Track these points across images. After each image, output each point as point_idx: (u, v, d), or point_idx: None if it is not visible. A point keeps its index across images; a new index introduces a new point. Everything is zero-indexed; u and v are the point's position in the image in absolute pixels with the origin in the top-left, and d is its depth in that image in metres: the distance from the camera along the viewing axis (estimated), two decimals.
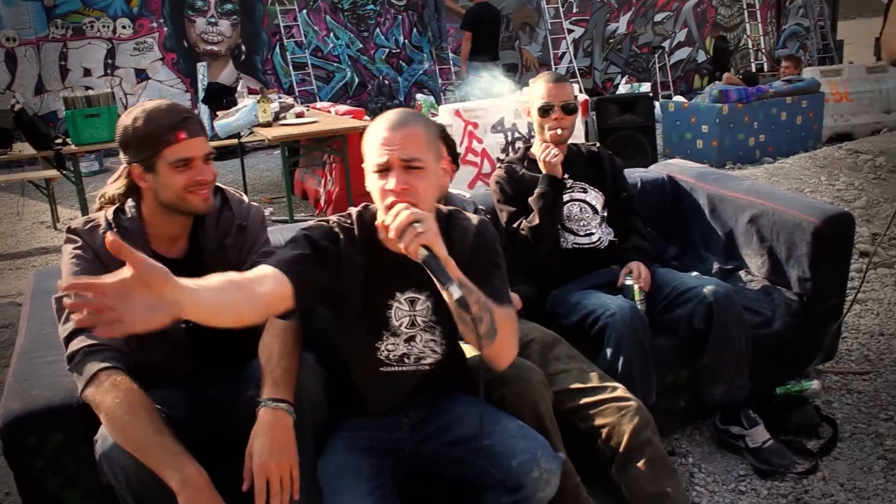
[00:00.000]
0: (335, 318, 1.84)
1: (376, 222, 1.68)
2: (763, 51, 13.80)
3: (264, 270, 1.59)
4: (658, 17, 13.70)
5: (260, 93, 5.63)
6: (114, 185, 1.98)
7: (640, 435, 2.09)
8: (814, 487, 2.35)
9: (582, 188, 2.81)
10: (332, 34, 11.04)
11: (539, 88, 2.75)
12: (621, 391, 2.17)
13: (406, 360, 1.84)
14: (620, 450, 2.08)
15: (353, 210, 1.84)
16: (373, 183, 1.67)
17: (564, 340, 2.36)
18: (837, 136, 7.94)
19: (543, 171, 2.66)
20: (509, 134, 5.99)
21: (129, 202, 1.94)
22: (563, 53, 12.57)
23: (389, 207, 1.61)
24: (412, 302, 1.81)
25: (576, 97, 2.84)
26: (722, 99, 7.07)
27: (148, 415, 1.64)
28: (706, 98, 7.41)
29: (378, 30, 11.41)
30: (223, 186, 2.07)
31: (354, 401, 1.89)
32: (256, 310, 1.52)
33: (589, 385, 2.19)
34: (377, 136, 1.67)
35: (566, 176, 2.78)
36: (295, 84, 10.54)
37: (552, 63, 12.40)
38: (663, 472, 2.07)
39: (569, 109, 2.73)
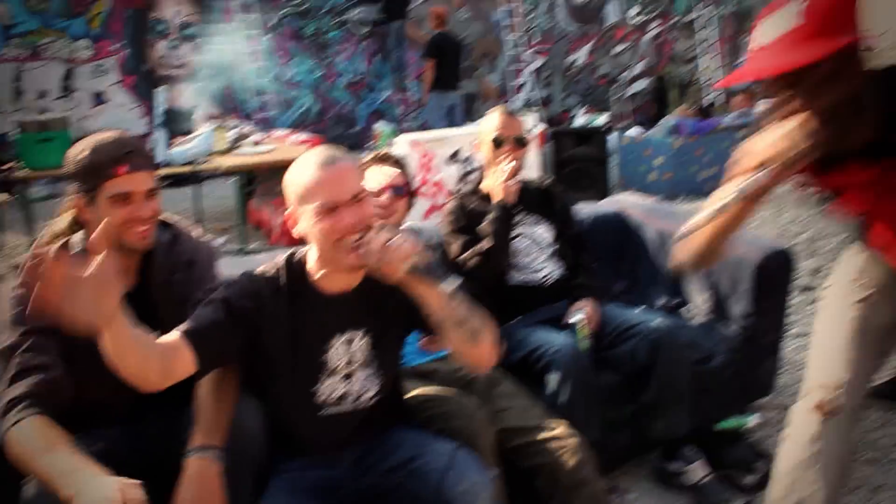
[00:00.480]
0: (265, 371, 1.83)
1: (346, 259, 1.68)
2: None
3: (172, 337, 1.64)
4: (616, 49, 13.95)
5: (218, 118, 5.62)
6: (61, 219, 1.97)
7: (580, 473, 2.12)
8: None
9: (532, 222, 2.85)
10: (293, 60, 11.05)
11: (491, 122, 2.79)
12: (563, 429, 2.20)
13: (346, 400, 1.85)
14: (560, 487, 2.11)
15: (281, 258, 1.86)
16: (317, 225, 1.67)
17: (509, 377, 2.39)
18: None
19: (500, 197, 2.67)
20: (466, 165, 6.04)
21: (77, 236, 1.93)
22: (524, 84, 12.73)
23: (356, 244, 1.64)
24: (349, 342, 1.83)
25: (532, 129, 2.90)
26: (675, 132, 7.22)
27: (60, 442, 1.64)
28: (660, 131, 7.55)
29: (340, 57, 11.45)
30: (174, 220, 2.06)
31: (292, 442, 1.90)
32: (162, 372, 1.58)
33: (531, 423, 2.22)
34: (313, 179, 1.67)
35: (518, 209, 2.82)
36: (255, 110, 10.51)
37: (512, 93, 12.55)
38: None
39: (521, 143, 2.78)
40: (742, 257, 2.78)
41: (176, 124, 8.06)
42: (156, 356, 1.55)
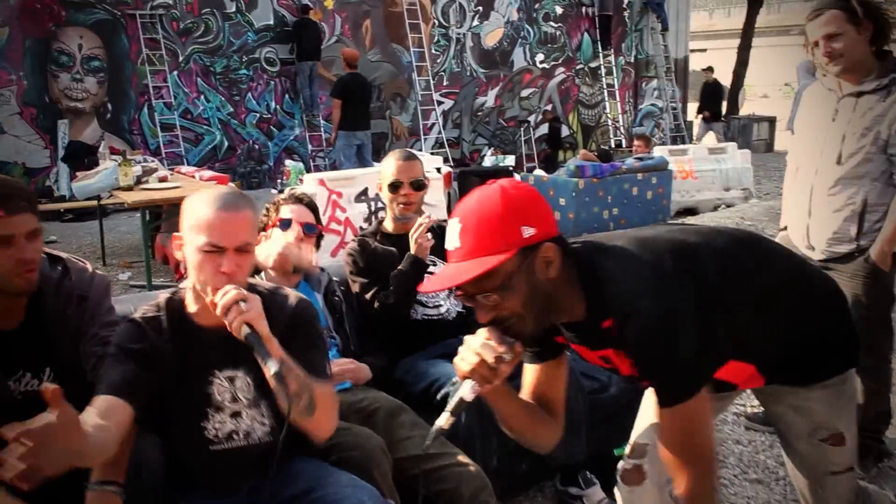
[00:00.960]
0: (157, 408, 1.82)
1: (207, 299, 1.72)
2: (621, 128, 14.68)
3: (105, 402, 1.65)
4: (524, 93, 14.39)
5: (122, 154, 5.54)
6: None
7: (478, 499, 2.17)
8: None
9: (431, 261, 2.92)
10: (202, 97, 10.96)
11: (389, 166, 2.87)
12: (461, 457, 2.25)
13: (235, 437, 1.86)
14: None
15: (162, 297, 1.89)
16: (197, 257, 1.71)
17: (409, 409, 2.44)
18: (684, 210, 8.54)
19: (412, 251, 2.73)
20: (373, 204, 6.12)
21: None
22: (433, 124, 12.98)
23: (218, 287, 1.68)
24: (231, 379, 1.85)
25: (438, 169, 2.99)
26: (578, 174, 7.50)
27: None
28: (564, 173, 7.83)
29: (250, 94, 11.42)
30: (64, 256, 2.05)
31: (191, 475, 1.90)
32: (115, 443, 1.61)
33: (430, 452, 2.26)
34: (210, 215, 1.71)
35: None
36: (162, 146, 10.36)
37: (422, 133, 12.77)
38: None
39: (417, 186, 2.87)
40: None
41: (79, 158, 7.92)
42: (112, 438, 1.59)
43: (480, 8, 13.56)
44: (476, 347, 1.49)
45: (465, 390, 1.51)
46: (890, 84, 2.55)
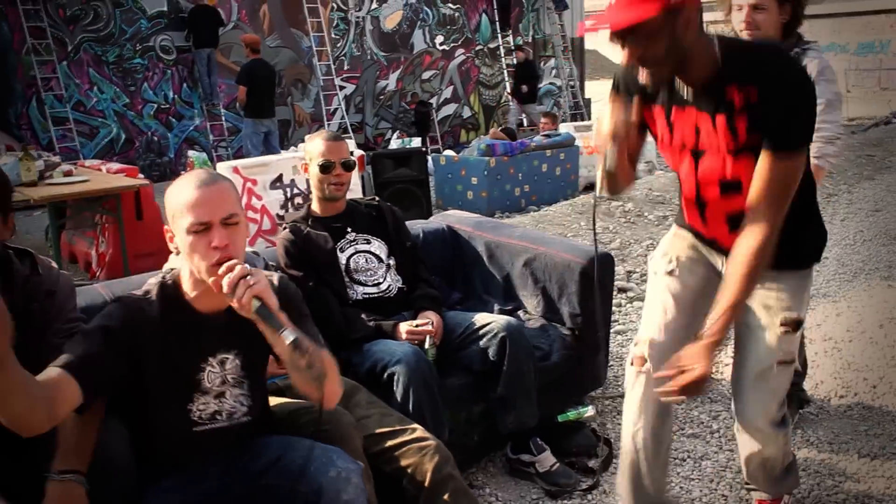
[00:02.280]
0: (139, 392, 1.79)
1: (209, 280, 1.70)
2: (521, 107, 14.87)
3: (54, 373, 1.58)
4: (426, 75, 14.40)
5: (23, 150, 5.26)
6: None
7: (442, 471, 2.20)
8: (597, 500, 2.61)
9: (365, 239, 2.93)
10: (95, 88, 10.49)
11: (317, 146, 2.84)
12: (420, 432, 2.28)
13: (218, 418, 1.87)
14: (425, 486, 2.18)
15: (153, 282, 1.86)
16: (187, 242, 1.70)
17: (363, 388, 2.45)
18: (591, 185, 8.76)
19: (394, 333, 2.70)
20: (288, 190, 6.06)
21: None
22: (336, 109, 12.84)
23: (217, 264, 1.67)
24: (222, 363, 1.86)
25: (352, 153, 2.98)
26: (489, 153, 7.59)
27: None
28: (474, 152, 7.91)
29: (146, 84, 11.01)
30: (33, 252, 1.97)
31: (162, 461, 1.87)
32: (48, 415, 1.51)
33: (390, 428, 2.28)
34: (190, 196, 1.70)
35: (349, 230, 2.90)
36: (55, 140, 9.86)
37: (325, 119, 12.62)
38: (465, 502, 2.20)
39: (348, 166, 2.86)
40: (568, 262, 3.02)
41: None
42: (42, 399, 1.48)
43: None
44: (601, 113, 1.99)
45: (609, 156, 1.95)
46: (799, 54, 2.74)
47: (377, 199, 3.12)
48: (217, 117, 11.60)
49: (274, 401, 2.17)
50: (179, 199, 1.72)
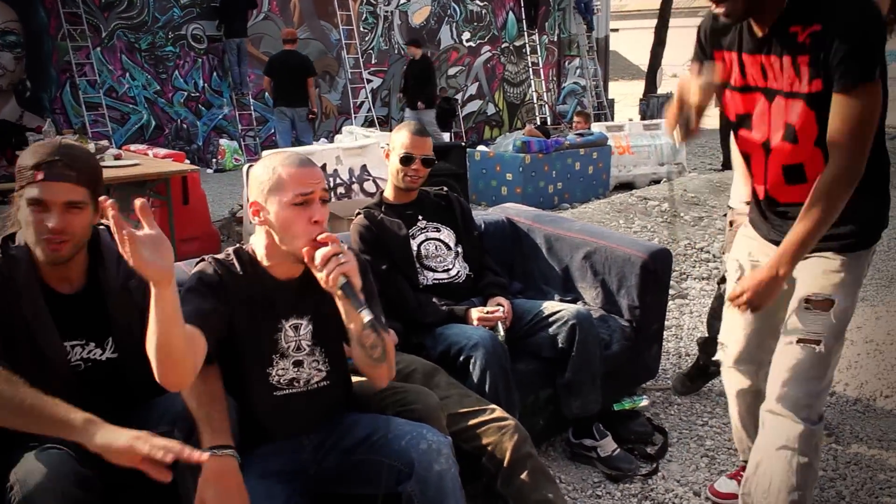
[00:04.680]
0: (226, 352, 1.90)
1: (302, 251, 1.81)
2: (549, 104, 14.96)
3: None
4: (451, 71, 14.48)
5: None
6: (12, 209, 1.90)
7: (521, 450, 2.30)
8: (657, 485, 2.70)
9: (435, 227, 3.02)
10: (127, 74, 10.62)
11: (403, 137, 2.94)
12: (499, 412, 2.37)
13: (296, 384, 1.99)
14: (504, 465, 2.28)
15: (230, 249, 1.98)
16: (285, 213, 1.82)
17: (442, 370, 2.54)
18: (622, 184, 8.84)
19: (467, 317, 2.79)
20: (331, 180, 6.13)
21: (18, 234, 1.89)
22: (363, 102, 12.94)
23: (315, 238, 1.79)
24: (296, 328, 1.97)
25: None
26: (525, 149, 7.67)
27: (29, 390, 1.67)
28: (509, 147, 7.99)
29: (177, 72, 11.13)
30: None
31: (258, 428, 1.97)
32: (194, 359, 1.69)
33: (470, 408, 2.37)
34: (293, 170, 1.84)
35: (420, 217, 3.00)
36: (88, 125, 9.99)
37: (352, 112, 12.72)
38: (544, 481, 2.30)
39: (427, 162, 2.96)
40: (629, 256, 3.10)
41: (4, 137, 7.58)
42: (190, 340, 1.65)
43: None
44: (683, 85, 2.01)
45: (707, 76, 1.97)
46: None
47: (445, 189, 3.21)
48: (246, 107, 11.71)
49: (356, 379, 2.27)
50: (277, 173, 1.83)
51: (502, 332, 2.74)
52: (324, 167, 6.05)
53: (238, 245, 2.00)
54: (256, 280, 1.92)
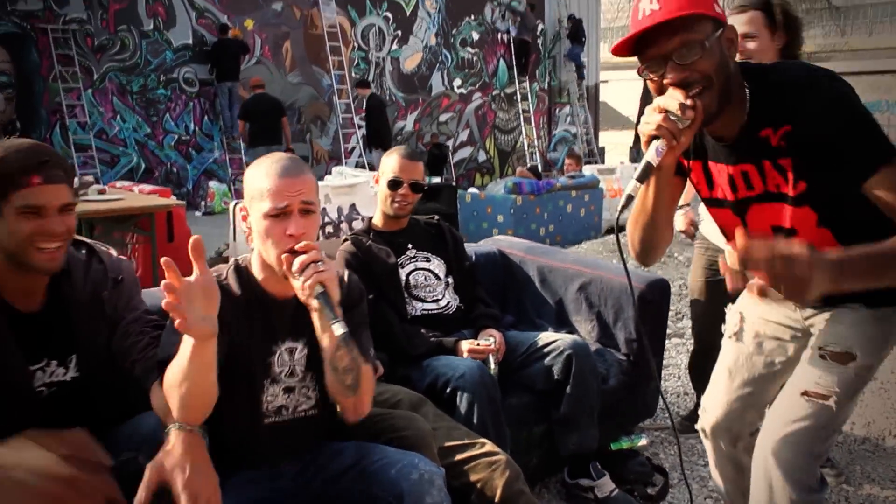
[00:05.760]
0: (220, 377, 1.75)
1: (277, 269, 1.70)
2: (540, 151, 15.00)
3: None
4: (443, 118, 14.53)
5: None
6: None
7: (513, 487, 2.14)
8: None
9: (425, 257, 2.91)
10: (118, 116, 10.58)
11: (392, 162, 2.84)
12: (490, 446, 2.22)
13: (284, 412, 1.85)
14: (495, 502, 2.12)
15: (225, 267, 1.85)
16: (266, 227, 1.70)
17: (429, 401, 2.40)
18: (613, 228, 8.74)
19: (455, 349, 2.65)
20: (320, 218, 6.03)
21: None
22: (353, 148, 12.93)
23: (290, 251, 1.67)
24: (291, 352, 1.84)
25: (424, 178, 2.96)
26: (516, 191, 7.61)
27: None
28: (500, 189, 7.92)
29: (168, 115, 11.10)
30: (87, 240, 1.94)
31: (233, 456, 1.82)
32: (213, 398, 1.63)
33: (459, 442, 2.22)
34: (273, 182, 1.70)
35: (410, 246, 2.88)
36: (77, 166, 9.89)
37: (343, 157, 12.69)
38: None
39: (416, 188, 2.85)
40: (625, 287, 2.98)
41: None
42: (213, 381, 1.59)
43: (399, 32, 13.66)
44: (659, 102, 1.53)
45: (651, 153, 1.52)
46: None
47: (436, 218, 3.10)
48: (236, 151, 11.67)
49: None
50: (261, 181, 1.72)
51: (494, 366, 2.60)
52: None
53: (236, 259, 1.87)
54: (253, 298, 1.80)
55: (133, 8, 10.53)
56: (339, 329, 1.57)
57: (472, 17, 14.68)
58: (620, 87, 26.78)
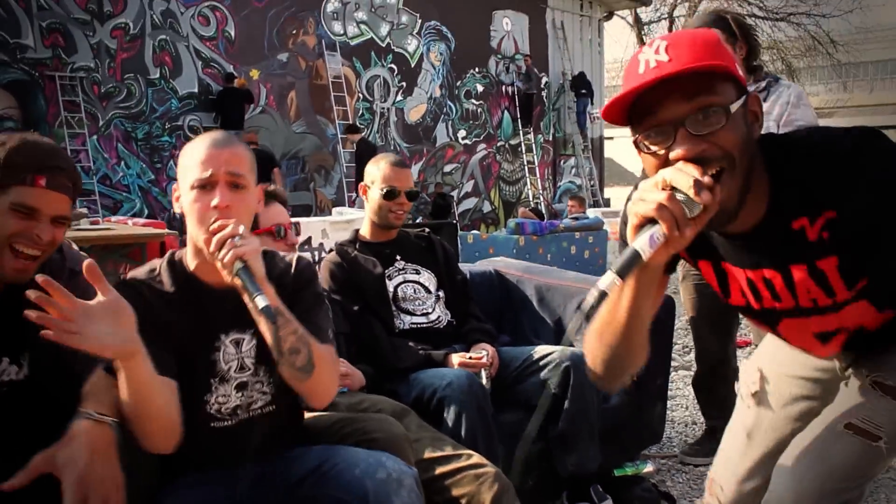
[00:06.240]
0: None
1: (201, 237, 1.54)
2: (545, 201, 14.93)
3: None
4: (447, 168, 14.51)
5: None
6: None
7: (501, 502, 1.96)
8: None
9: (415, 269, 2.77)
10: (122, 163, 10.57)
11: (383, 170, 2.72)
12: (477, 458, 2.04)
13: (239, 412, 1.68)
14: None
15: (158, 261, 1.70)
16: (190, 198, 1.56)
17: (413, 412, 2.23)
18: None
19: (448, 361, 2.50)
20: (316, 254, 5.93)
21: None
22: (357, 197, 12.88)
23: (212, 228, 1.51)
24: (237, 343, 1.67)
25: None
26: (518, 231, 7.49)
27: None
28: (503, 230, 7.81)
29: (172, 162, 11.07)
30: None
31: (182, 459, 1.63)
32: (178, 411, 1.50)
33: (443, 453, 2.04)
34: (200, 152, 1.58)
35: (398, 258, 2.75)
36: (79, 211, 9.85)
37: (347, 205, 12.62)
38: None
39: (412, 195, 2.74)
40: None
41: None
42: (172, 401, 1.46)
43: (404, 83, 13.73)
44: (665, 175, 1.14)
45: (643, 240, 1.12)
46: (767, 87, 2.79)
47: (427, 230, 2.97)
48: None
49: (310, 415, 1.95)
50: (190, 154, 1.60)
51: (486, 381, 2.44)
52: (309, 240, 5.86)
53: (171, 251, 1.72)
54: (188, 290, 1.63)
55: (140, 57, 10.61)
56: (260, 302, 1.41)
57: (477, 69, 14.77)
58: (626, 143, 26.98)
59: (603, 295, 1.15)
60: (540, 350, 2.55)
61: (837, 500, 1.38)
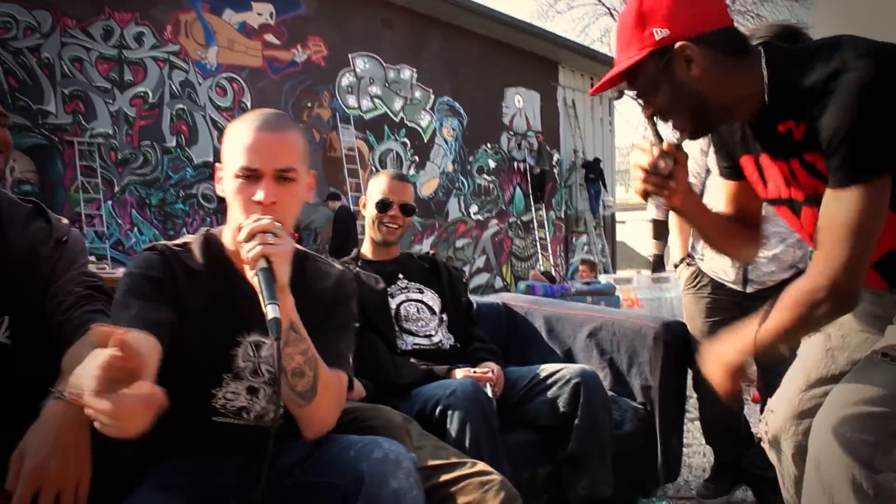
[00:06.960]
0: (168, 359, 1.48)
1: (238, 224, 1.45)
2: (558, 275, 14.84)
3: (130, 334, 1.31)
4: (459, 243, 14.51)
5: None
6: None
7: None
8: None
9: (418, 289, 2.69)
10: (136, 229, 10.62)
11: (380, 183, 2.69)
12: (482, 466, 1.91)
13: (245, 415, 1.57)
14: None
15: (193, 237, 1.62)
16: (233, 187, 1.47)
17: (414, 421, 2.11)
18: None
19: (450, 374, 2.41)
20: None
21: None
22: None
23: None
24: (257, 347, 1.57)
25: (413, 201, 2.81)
26: (529, 293, 7.40)
27: None
28: (515, 292, 7.74)
29: (185, 230, 11.13)
30: (41, 204, 1.78)
31: (171, 442, 1.54)
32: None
33: (447, 461, 1.92)
34: (246, 136, 1.48)
35: (401, 276, 2.68)
36: None
37: None
38: None
39: (407, 209, 2.68)
40: (639, 328, 2.73)
41: None
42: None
43: (417, 158, 13.87)
44: (633, 160, 1.55)
45: (651, 210, 1.54)
46: None
47: (432, 252, 2.91)
48: None
49: None
50: (235, 137, 1.51)
51: (491, 395, 2.32)
52: None
53: (208, 228, 1.65)
54: (220, 276, 1.54)
55: (158, 125, 10.80)
56: (270, 312, 1.31)
57: (489, 145, 14.95)
58: (637, 227, 27.01)
59: (657, 258, 1.73)
60: (548, 368, 2.44)
61: (885, 428, 1.42)
